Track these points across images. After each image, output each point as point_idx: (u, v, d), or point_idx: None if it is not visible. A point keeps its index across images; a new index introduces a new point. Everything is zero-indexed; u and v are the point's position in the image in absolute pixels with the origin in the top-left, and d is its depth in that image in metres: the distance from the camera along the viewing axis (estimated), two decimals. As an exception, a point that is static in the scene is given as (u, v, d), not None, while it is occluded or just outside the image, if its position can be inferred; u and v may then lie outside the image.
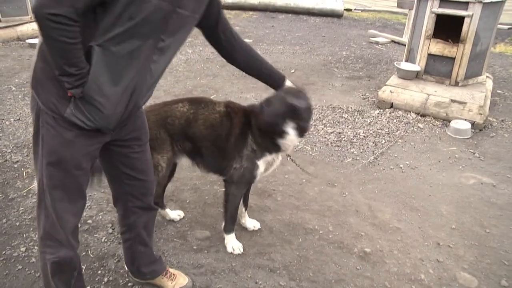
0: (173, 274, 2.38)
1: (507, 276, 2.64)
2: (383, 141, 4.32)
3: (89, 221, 2.90)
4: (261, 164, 2.47)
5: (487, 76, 5.63)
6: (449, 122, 4.66)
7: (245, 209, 2.90)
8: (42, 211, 1.78)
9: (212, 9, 1.91)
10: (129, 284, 2.40)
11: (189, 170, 3.55)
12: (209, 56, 6.95)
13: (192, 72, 6.11)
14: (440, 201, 3.38)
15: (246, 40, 8.13)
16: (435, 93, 4.97)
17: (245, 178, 2.50)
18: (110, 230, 2.82)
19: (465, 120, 4.64)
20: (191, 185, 3.42)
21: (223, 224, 2.72)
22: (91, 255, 2.60)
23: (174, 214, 3.01)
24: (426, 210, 3.25)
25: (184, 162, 2.70)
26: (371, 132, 4.52)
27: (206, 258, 2.64)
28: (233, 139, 2.42)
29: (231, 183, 2.54)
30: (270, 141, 2.36)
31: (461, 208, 3.31)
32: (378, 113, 4.94)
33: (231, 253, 2.68)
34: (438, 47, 5.20)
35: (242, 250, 2.70)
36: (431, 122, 4.82)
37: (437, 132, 4.63)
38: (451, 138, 4.51)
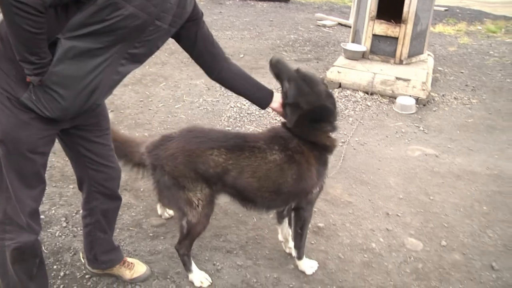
0: (131, 263, 2.35)
1: (446, 236, 2.83)
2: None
3: (42, 216, 2.80)
4: None
5: (428, 54, 5.89)
6: (395, 98, 4.84)
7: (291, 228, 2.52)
8: (3, 193, 1.72)
9: (192, 21, 1.87)
10: (87, 276, 2.35)
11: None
12: (157, 44, 6.81)
13: (140, 61, 5.98)
14: (388, 174, 3.52)
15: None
16: (381, 72, 5.13)
17: (321, 190, 2.30)
18: (64, 224, 2.74)
19: (410, 96, 4.83)
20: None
21: (296, 252, 2.42)
22: (45, 251, 2.51)
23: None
24: (375, 183, 3.38)
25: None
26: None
27: (163, 244, 2.63)
28: (311, 176, 2.14)
29: (307, 206, 2.27)
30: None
31: (408, 179, 3.47)
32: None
33: (312, 273, 2.45)
34: (382, 28, 5.36)
35: (317, 264, 2.49)
36: (378, 99, 4.98)
37: (384, 108, 4.80)
38: (397, 114, 4.69)
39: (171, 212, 2.84)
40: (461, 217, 3.05)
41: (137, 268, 2.35)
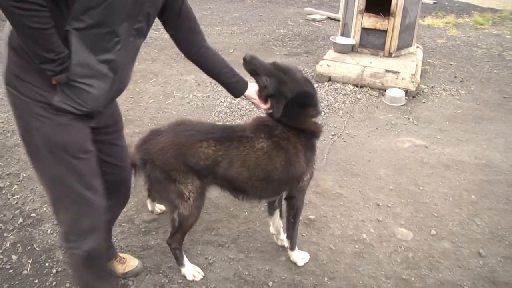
0: (123, 258, 2.35)
1: (436, 226, 2.87)
2: (323, 113, 4.44)
3: (33, 214, 2.79)
4: None
5: (417, 47, 5.92)
6: (385, 91, 4.87)
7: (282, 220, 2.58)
8: (62, 206, 1.71)
9: None
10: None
11: (132, 155, 3.50)
12: (146, 40, 6.72)
13: (130, 58, 5.95)
14: (379, 165, 3.55)
15: (184, 23, 8.00)
16: (370, 65, 5.15)
17: (310, 180, 2.32)
18: (56, 221, 2.73)
19: (399, 88, 4.87)
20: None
21: (289, 242, 2.44)
22: (37, 248, 2.51)
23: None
24: (366, 174, 3.41)
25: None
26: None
27: (155, 239, 2.64)
28: (300, 162, 2.14)
29: (299, 195, 2.29)
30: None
31: (398, 170, 3.50)
32: (316, 87, 5.03)
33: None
34: (370, 21, 5.37)
35: (309, 256, 2.52)
36: (368, 92, 5.01)
37: (374, 101, 4.82)
38: (387, 106, 4.72)
39: (161, 207, 2.84)
40: (450, 206, 3.09)
41: (129, 263, 2.35)
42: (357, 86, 5.05)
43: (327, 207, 2.99)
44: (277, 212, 2.53)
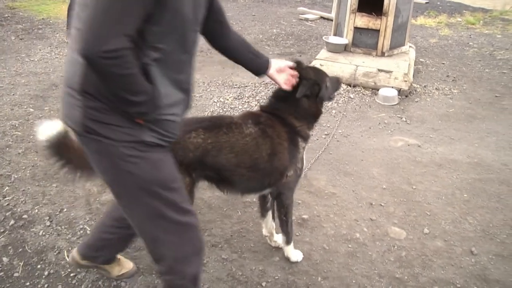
0: (119, 259, 2.33)
1: (429, 224, 2.89)
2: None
3: (25, 216, 2.77)
4: (304, 154, 2.33)
5: (410, 46, 5.95)
6: (378, 90, 4.88)
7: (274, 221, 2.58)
8: (163, 241, 1.65)
9: None
10: (71, 274, 2.34)
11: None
12: (139, 40, 6.76)
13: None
14: (372, 165, 3.56)
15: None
16: (363, 64, 5.17)
17: (298, 178, 2.32)
18: (48, 223, 2.71)
19: (392, 87, 4.88)
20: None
21: (284, 238, 2.45)
22: (28, 250, 2.49)
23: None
24: (359, 174, 3.42)
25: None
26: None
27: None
28: (283, 155, 2.15)
29: (286, 192, 2.29)
30: (317, 117, 2.31)
31: (391, 169, 3.51)
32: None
33: (296, 261, 2.49)
34: (363, 21, 5.39)
35: (302, 255, 2.53)
36: (361, 91, 5.02)
37: (367, 100, 4.84)
38: (380, 105, 4.73)
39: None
40: (443, 205, 3.10)
41: (124, 265, 2.33)
42: (350, 86, 5.06)
43: (320, 206, 2.99)
44: (270, 213, 2.52)
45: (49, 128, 1.84)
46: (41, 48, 5.94)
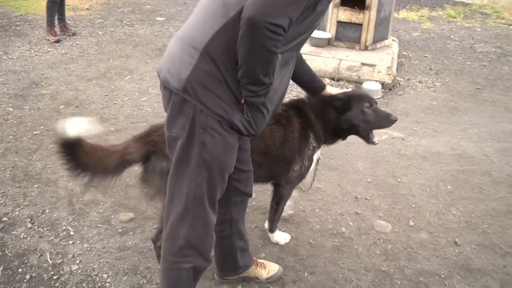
0: (262, 263, 2.31)
1: (414, 217, 2.92)
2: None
3: (4, 219, 2.71)
4: (315, 157, 2.38)
5: (393, 40, 5.98)
6: (361, 84, 4.90)
7: None
8: (186, 223, 1.68)
9: None
10: (55, 277, 2.30)
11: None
12: (121, 37, 6.65)
13: (105, 54, 5.83)
14: (357, 158, 3.57)
15: (158, 19, 7.83)
16: (346, 58, 5.18)
17: (301, 176, 2.36)
18: (29, 225, 2.66)
19: (376, 81, 4.90)
20: (111, 169, 3.31)
21: (268, 224, 2.54)
22: (9, 254, 2.43)
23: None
24: (344, 168, 3.43)
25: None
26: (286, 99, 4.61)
27: (132, 239, 2.59)
28: (292, 144, 2.22)
29: (286, 185, 2.35)
30: (337, 136, 2.33)
31: (376, 162, 3.53)
32: (293, 82, 5.03)
33: (285, 243, 2.58)
34: (346, 15, 5.39)
35: (289, 236, 2.61)
36: (345, 85, 5.03)
37: (350, 95, 4.85)
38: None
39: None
40: (428, 197, 3.13)
41: (270, 267, 2.32)
42: (334, 80, 5.07)
43: (306, 201, 2.99)
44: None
45: (79, 125, 1.83)
46: (19, 46, 5.81)
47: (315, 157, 2.35)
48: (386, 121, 2.26)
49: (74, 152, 1.90)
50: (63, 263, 2.39)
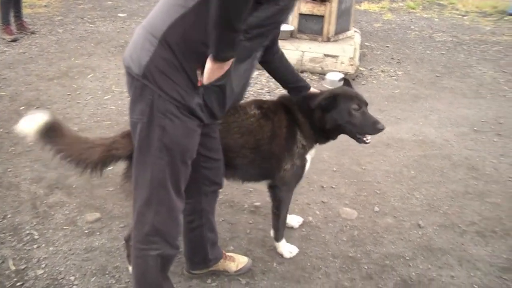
0: (231, 256, 2.33)
1: (379, 203, 2.99)
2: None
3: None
4: (309, 158, 2.32)
5: (355, 31, 6.07)
6: (325, 75, 4.97)
7: None
8: (151, 208, 1.69)
9: None
10: (18, 284, 2.23)
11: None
12: (82, 34, 6.49)
13: (66, 53, 5.69)
14: (322, 148, 3.59)
15: (120, 15, 7.69)
16: (309, 50, 5.23)
17: (297, 177, 2.31)
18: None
19: (339, 72, 4.98)
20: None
21: (274, 233, 2.46)
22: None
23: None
24: (309, 158, 3.47)
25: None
26: (252, 93, 4.63)
27: (99, 240, 2.56)
28: (280, 140, 2.18)
29: (281, 186, 2.29)
30: (325, 135, 2.29)
31: (341, 151, 3.59)
32: (257, 74, 5.03)
33: (290, 258, 2.48)
34: (308, 7, 5.44)
35: (297, 250, 2.52)
36: (309, 76, 5.09)
37: (315, 85, 4.87)
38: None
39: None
40: (392, 182, 3.22)
41: (239, 260, 2.33)
42: (298, 72, 5.11)
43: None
44: None
45: (33, 120, 1.80)
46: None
47: (308, 157, 2.29)
48: (373, 128, 2.16)
49: (55, 140, 1.88)
50: (28, 268, 2.33)
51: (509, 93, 5.05)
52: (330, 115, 2.14)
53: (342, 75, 4.89)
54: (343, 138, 3.70)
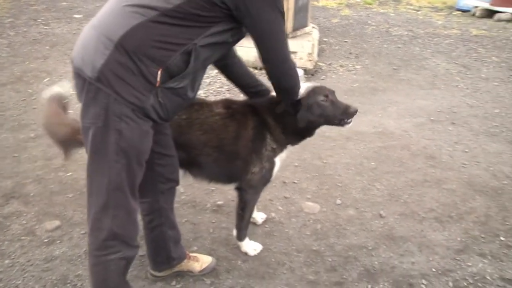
0: (195, 256, 2.31)
1: (341, 195, 3.04)
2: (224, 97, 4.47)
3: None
4: (278, 160, 2.28)
5: (313, 27, 6.14)
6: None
7: None
8: (108, 213, 1.67)
9: None
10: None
11: (30, 161, 3.25)
12: (36, 37, 6.28)
13: (19, 57, 5.49)
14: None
15: (76, 16, 7.48)
16: (269, 47, 5.24)
17: (264, 180, 2.28)
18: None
19: (298, 68, 5.01)
20: (34, 177, 3.13)
21: (236, 232, 2.45)
22: None
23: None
24: (271, 154, 3.48)
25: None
26: (212, 91, 4.63)
27: (60, 248, 2.48)
28: (246, 141, 2.15)
29: (248, 189, 2.27)
30: (301, 135, 2.26)
31: (302, 146, 3.54)
32: (216, 73, 5.02)
33: (254, 255, 2.48)
34: (266, 4, 5.45)
35: (261, 246, 2.51)
36: (269, 74, 5.10)
37: (276, 83, 4.93)
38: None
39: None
40: (353, 175, 3.28)
41: (203, 259, 2.33)
42: (257, 69, 5.11)
43: (234, 191, 2.99)
44: None
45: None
46: None
47: (277, 160, 2.27)
48: (346, 114, 2.14)
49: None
50: (-20, 285, 2.24)
51: (461, 83, 5.26)
52: (300, 114, 2.09)
53: (301, 71, 4.94)
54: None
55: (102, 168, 1.63)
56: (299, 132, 2.22)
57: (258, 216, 2.72)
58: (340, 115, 2.14)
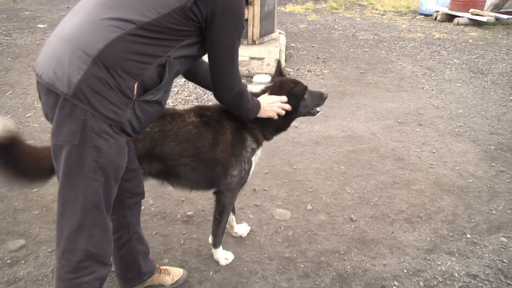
0: (166, 269, 2.27)
1: (311, 201, 3.04)
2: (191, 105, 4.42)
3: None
4: (254, 160, 2.27)
5: (280, 33, 6.18)
6: (252, 77, 4.99)
7: (234, 214, 2.64)
8: (83, 233, 1.60)
9: None
10: None
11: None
12: (-5, 49, 6.11)
13: (-22, 70, 5.31)
14: (254, 151, 3.63)
15: (40, 26, 7.29)
16: (236, 54, 5.24)
17: (242, 181, 2.27)
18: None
19: (265, 73, 5.03)
20: (-5, 194, 3.01)
21: (212, 239, 2.40)
22: None
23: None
24: (242, 162, 3.46)
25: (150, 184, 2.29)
26: (180, 100, 4.58)
27: (25, 269, 2.37)
28: (225, 146, 2.13)
29: (227, 192, 2.25)
30: (279, 130, 2.29)
31: (271, 153, 3.62)
32: (184, 81, 4.99)
33: (226, 264, 2.44)
34: (232, 11, 5.45)
35: (233, 256, 2.49)
36: (238, 81, 5.09)
37: (245, 89, 4.93)
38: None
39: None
40: (323, 180, 3.28)
41: (174, 272, 2.29)
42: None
43: (204, 200, 2.97)
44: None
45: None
46: None
47: (253, 160, 2.27)
48: (321, 99, 2.32)
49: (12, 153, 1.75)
50: None
51: (426, 85, 5.38)
52: (299, 110, 2.24)
53: (269, 77, 4.95)
54: (272, 139, 3.77)
55: (77, 187, 1.56)
56: (277, 128, 2.27)
57: (243, 228, 2.69)
58: (317, 102, 2.30)
